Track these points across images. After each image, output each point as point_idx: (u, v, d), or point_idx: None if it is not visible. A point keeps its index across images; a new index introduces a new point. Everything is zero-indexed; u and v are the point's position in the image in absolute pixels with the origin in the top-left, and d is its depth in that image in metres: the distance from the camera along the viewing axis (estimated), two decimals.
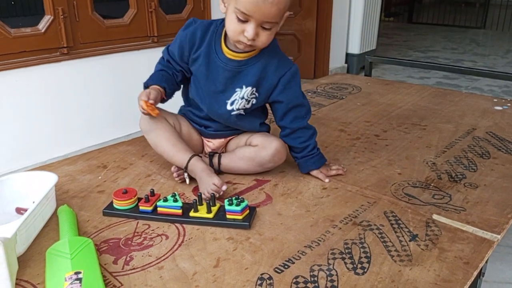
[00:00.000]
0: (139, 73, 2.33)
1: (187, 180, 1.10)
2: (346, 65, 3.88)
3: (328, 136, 1.43)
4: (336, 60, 3.74)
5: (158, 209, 0.95)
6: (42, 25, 1.93)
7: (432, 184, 1.11)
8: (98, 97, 2.19)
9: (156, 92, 1.06)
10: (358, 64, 3.84)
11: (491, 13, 6.65)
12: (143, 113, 1.05)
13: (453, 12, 7.08)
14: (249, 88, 1.08)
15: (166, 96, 1.10)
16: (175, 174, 1.11)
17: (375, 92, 1.94)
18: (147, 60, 2.36)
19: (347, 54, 3.86)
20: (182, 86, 1.18)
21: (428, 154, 1.29)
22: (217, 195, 1.00)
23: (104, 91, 2.21)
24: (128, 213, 0.97)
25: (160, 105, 1.10)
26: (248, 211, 0.94)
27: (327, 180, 1.12)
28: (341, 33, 3.71)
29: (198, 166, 1.06)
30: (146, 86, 1.10)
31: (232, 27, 0.99)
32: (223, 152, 1.20)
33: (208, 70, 1.09)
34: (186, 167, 1.07)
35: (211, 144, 1.20)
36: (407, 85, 2.09)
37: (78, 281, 0.72)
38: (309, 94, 1.90)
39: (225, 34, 1.06)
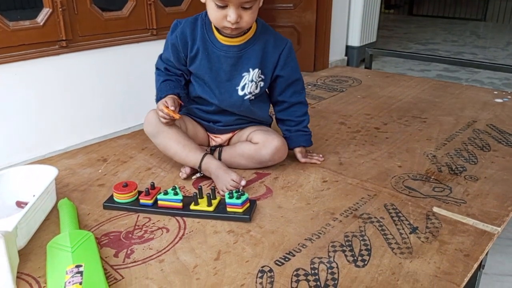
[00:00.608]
0: (138, 66, 2.33)
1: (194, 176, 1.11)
2: (346, 57, 3.86)
3: (328, 129, 1.42)
4: (336, 53, 3.73)
5: (159, 202, 0.95)
6: (41, 18, 1.92)
7: (433, 177, 1.11)
8: (97, 90, 2.19)
9: (171, 99, 1.06)
10: (358, 56, 3.83)
11: (491, 5, 6.62)
12: (165, 121, 1.06)
13: (453, 4, 7.04)
14: (256, 70, 1.10)
15: (182, 101, 1.10)
16: (184, 175, 1.11)
17: (375, 84, 1.93)
18: (146, 53, 2.35)
19: (347, 47, 3.84)
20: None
21: (428, 147, 1.29)
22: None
23: (104, 84, 2.21)
24: (129, 206, 0.97)
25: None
26: (248, 204, 0.94)
27: (302, 160, 1.17)
28: (341, 26, 3.69)
29: (212, 164, 1.06)
30: (158, 100, 1.09)
31: (213, 15, 1.02)
32: (225, 145, 1.20)
33: (210, 62, 1.10)
34: (200, 167, 1.07)
35: (219, 139, 1.20)
36: (407, 78, 2.08)
37: (79, 274, 0.72)
38: (309, 87, 1.90)
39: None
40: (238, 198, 0.92)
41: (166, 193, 0.95)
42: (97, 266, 0.75)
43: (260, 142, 1.12)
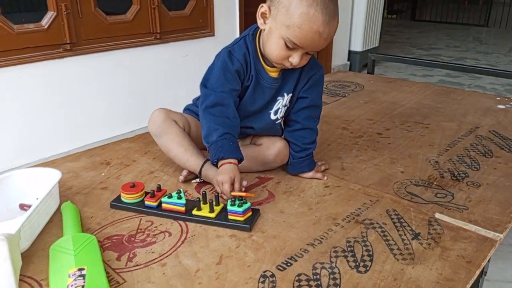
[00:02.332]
0: (142, 69, 2.34)
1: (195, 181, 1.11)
2: (348, 62, 3.87)
3: (331, 134, 1.43)
4: (339, 58, 3.74)
5: (163, 205, 0.96)
6: (45, 21, 1.93)
7: (435, 183, 1.11)
8: (101, 93, 2.20)
9: (236, 169, 0.97)
10: (361, 61, 3.84)
11: (494, 11, 6.63)
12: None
13: (456, 10, 7.05)
14: (290, 95, 1.10)
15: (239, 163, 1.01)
16: (182, 178, 1.11)
17: (377, 90, 1.94)
18: (150, 56, 2.36)
19: (350, 52, 3.85)
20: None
21: (430, 153, 1.29)
22: None
23: (107, 87, 2.22)
24: (134, 207, 0.98)
25: (166, 105, 1.09)
26: (250, 213, 0.93)
27: (325, 178, 1.12)
28: (344, 31, 3.70)
29: (212, 171, 1.05)
30: (218, 159, 0.98)
31: (277, 52, 0.98)
32: None
33: (255, 93, 1.07)
34: (200, 172, 1.07)
35: None
36: (410, 83, 2.09)
37: (81, 278, 0.72)
38: None
39: (260, 51, 1.05)
40: (239, 206, 0.91)
41: (170, 196, 0.95)
42: (99, 270, 0.75)
43: (264, 144, 1.13)
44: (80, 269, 0.74)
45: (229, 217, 0.92)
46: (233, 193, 0.95)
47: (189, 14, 2.47)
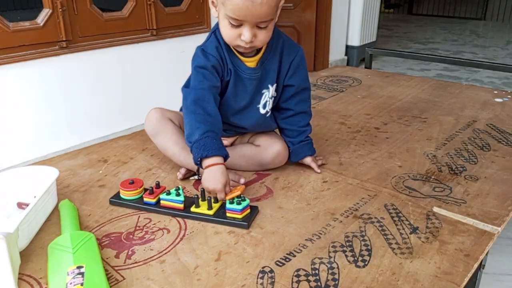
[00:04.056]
0: (138, 66, 2.33)
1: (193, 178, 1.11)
2: (346, 57, 3.86)
3: (329, 129, 1.42)
4: (336, 53, 3.73)
5: (161, 202, 0.96)
6: (41, 18, 1.92)
7: (433, 177, 1.11)
8: (98, 91, 2.19)
9: (224, 172, 0.94)
10: (358, 56, 3.83)
11: (491, 4, 6.62)
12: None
13: (453, 3, 7.04)
14: (274, 85, 1.09)
15: (226, 160, 0.97)
16: (180, 176, 1.11)
17: (375, 84, 1.94)
18: (146, 53, 2.35)
19: (347, 46, 3.84)
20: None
21: (428, 147, 1.29)
22: None
23: (104, 84, 2.21)
24: (133, 203, 0.98)
25: (163, 101, 1.08)
26: (248, 210, 0.93)
27: (319, 171, 1.13)
28: (341, 25, 3.69)
29: None
30: (201, 158, 0.94)
31: (226, 32, 0.96)
32: (227, 146, 1.20)
33: (236, 87, 1.05)
34: (198, 170, 1.07)
35: (225, 141, 1.19)
36: (407, 78, 2.08)
37: (80, 275, 0.72)
38: None
39: None
40: (238, 203, 0.91)
41: (168, 193, 0.95)
42: (98, 267, 0.75)
43: (262, 145, 1.12)
44: (79, 267, 0.74)
45: (227, 214, 0.92)
46: (228, 197, 0.93)
47: (185, 10, 2.46)
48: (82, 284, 0.70)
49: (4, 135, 1.89)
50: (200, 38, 1.00)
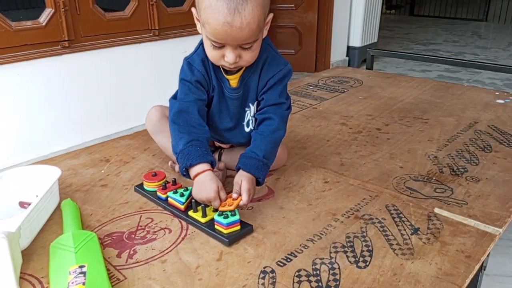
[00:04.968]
0: (140, 66, 2.33)
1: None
2: (347, 58, 3.87)
3: (330, 130, 1.43)
4: (338, 53, 3.73)
5: (169, 199, 0.97)
6: (43, 18, 1.92)
7: (434, 178, 1.11)
8: (100, 90, 2.19)
9: (213, 178, 0.89)
10: (360, 57, 3.83)
11: (493, 6, 6.61)
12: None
13: (454, 5, 7.04)
14: (255, 104, 1.04)
15: (213, 168, 0.94)
16: (177, 169, 1.11)
17: (376, 85, 1.94)
18: (148, 53, 2.36)
19: (349, 47, 3.84)
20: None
21: (429, 148, 1.29)
22: None
23: (106, 84, 2.21)
24: (150, 195, 1.01)
25: (163, 103, 1.08)
26: (238, 227, 0.87)
27: (246, 201, 0.89)
28: (343, 26, 3.70)
29: None
30: (187, 167, 0.92)
31: (210, 53, 0.92)
32: (226, 147, 1.20)
33: (220, 103, 1.02)
34: None
35: (223, 145, 1.18)
36: (408, 78, 2.08)
37: (82, 275, 0.72)
38: (311, 87, 1.90)
39: None
40: (225, 217, 0.85)
41: (175, 192, 0.96)
42: (100, 267, 0.76)
43: None
44: (81, 266, 0.74)
45: (215, 226, 0.88)
46: (221, 208, 0.88)
47: (187, 10, 2.47)
48: (84, 284, 0.70)
49: (6, 134, 1.90)
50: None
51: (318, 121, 1.50)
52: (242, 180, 0.91)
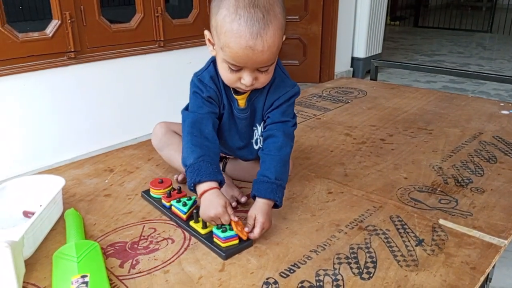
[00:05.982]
0: (145, 77, 2.35)
1: None
2: (351, 69, 3.88)
3: (334, 140, 1.43)
4: (342, 64, 3.74)
5: (172, 207, 0.97)
6: (50, 29, 1.95)
7: (439, 189, 1.11)
8: (105, 101, 2.21)
9: (220, 194, 0.88)
10: (364, 68, 3.84)
11: (497, 17, 6.63)
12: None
13: (459, 16, 7.06)
14: (262, 124, 1.04)
15: (221, 186, 0.92)
16: (180, 178, 1.12)
17: (381, 96, 1.94)
18: (153, 64, 2.37)
19: (353, 58, 3.86)
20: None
21: (434, 159, 1.28)
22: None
23: (111, 95, 2.23)
24: (155, 202, 1.02)
25: (170, 112, 1.09)
26: (237, 241, 0.86)
27: (256, 234, 0.87)
28: (347, 37, 3.71)
29: None
30: (195, 183, 0.89)
31: (226, 76, 0.91)
32: (231, 158, 1.20)
33: (229, 122, 1.02)
34: None
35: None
36: (413, 89, 2.08)
37: (84, 285, 0.72)
38: (315, 98, 1.90)
39: None
40: (223, 231, 0.85)
41: (179, 201, 0.96)
42: (102, 277, 0.76)
43: None
44: (83, 276, 0.74)
45: (214, 239, 0.87)
46: (234, 229, 0.86)
47: (192, 22, 2.49)
48: None
49: (11, 144, 1.91)
50: (206, 50, 0.99)
51: (322, 132, 1.50)
52: (257, 214, 0.88)
